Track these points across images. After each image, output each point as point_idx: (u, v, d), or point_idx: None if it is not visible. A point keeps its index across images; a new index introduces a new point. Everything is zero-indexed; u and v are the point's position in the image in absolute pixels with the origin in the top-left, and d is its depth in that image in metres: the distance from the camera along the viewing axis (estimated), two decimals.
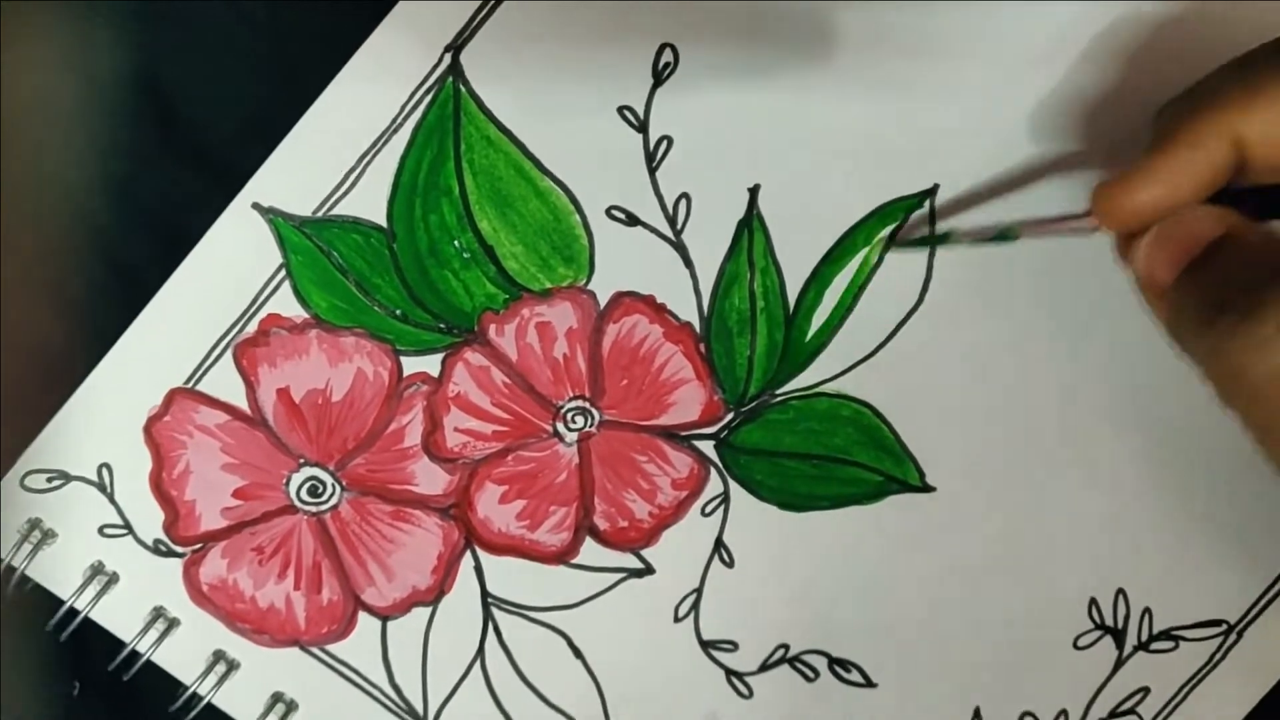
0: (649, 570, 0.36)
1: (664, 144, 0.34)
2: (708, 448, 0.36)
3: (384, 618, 0.36)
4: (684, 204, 0.34)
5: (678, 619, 0.37)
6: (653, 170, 0.34)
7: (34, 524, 0.36)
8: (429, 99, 0.34)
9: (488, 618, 0.37)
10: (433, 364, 0.35)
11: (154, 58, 0.34)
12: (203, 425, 0.35)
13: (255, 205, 0.34)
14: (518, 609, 0.37)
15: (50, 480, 0.35)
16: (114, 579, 0.36)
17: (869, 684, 0.37)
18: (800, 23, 0.33)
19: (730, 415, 0.36)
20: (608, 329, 0.35)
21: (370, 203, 0.34)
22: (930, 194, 0.34)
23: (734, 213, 0.35)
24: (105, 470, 0.35)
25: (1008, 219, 0.34)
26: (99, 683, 0.36)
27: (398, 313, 0.35)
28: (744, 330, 0.35)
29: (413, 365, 0.35)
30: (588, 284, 0.35)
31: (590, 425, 0.36)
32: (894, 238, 0.34)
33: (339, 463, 0.36)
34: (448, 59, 0.34)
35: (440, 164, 0.34)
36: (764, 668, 0.37)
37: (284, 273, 0.35)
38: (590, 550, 0.36)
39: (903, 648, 0.37)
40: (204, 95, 0.34)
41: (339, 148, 0.34)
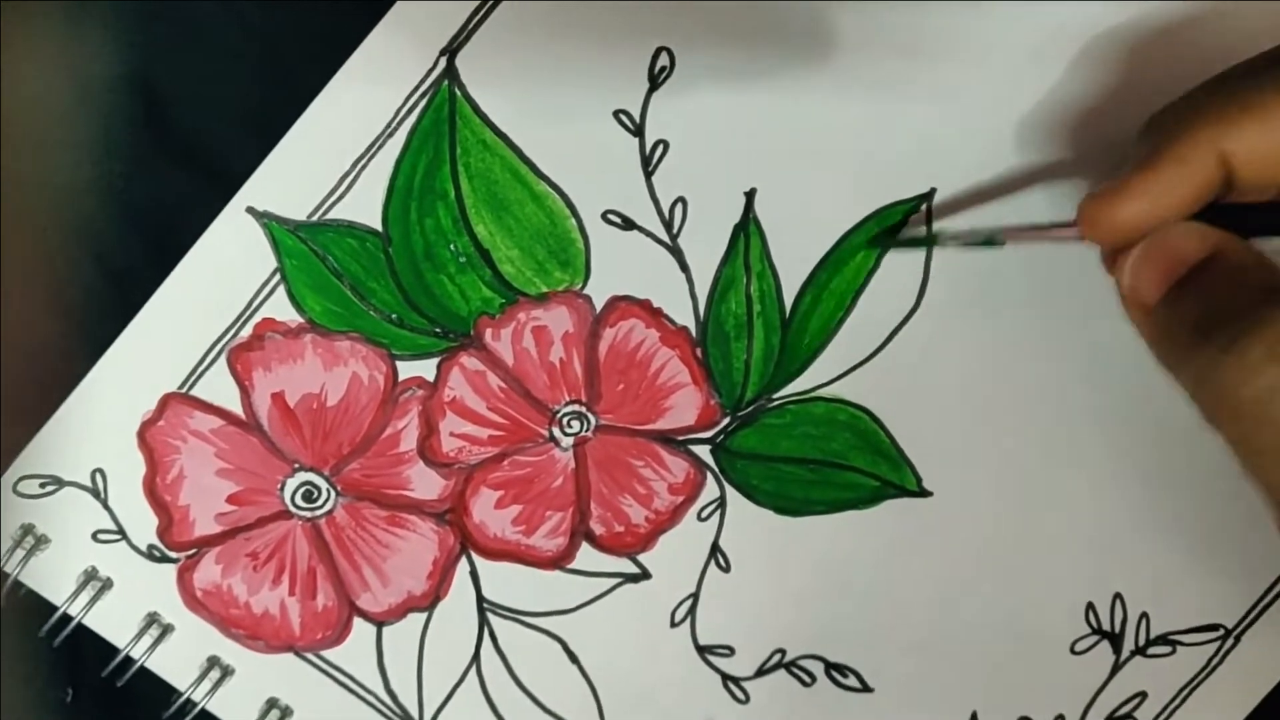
0: (645, 575, 0.36)
1: (660, 148, 0.34)
2: (704, 452, 0.36)
3: (379, 623, 0.36)
4: (680, 208, 0.34)
5: (674, 624, 0.37)
6: (649, 174, 0.34)
7: (27, 529, 0.35)
8: (424, 102, 0.34)
9: (483, 623, 0.36)
10: (428, 368, 0.35)
11: (149, 61, 0.34)
12: (197, 430, 0.35)
13: (250, 209, 0.34)
14: (513, 614, 0.36)
15: (43, 486, 0.35)
16: (108, 585, 0.36)
17: (866, 689, 0.37)
18: (797, 26, 0.33)
19: (727, 420, 0.36)
20: (604, 333, 0.35)
21: (365, 207, 0.34)
22: (927, 198, 0.34)
23: (730, 217, 0.34)
24: (99, 475, 0.35)
25: (997, 224, 0.34)
26: (93, 689, 0.36)
27: (393, 317, 0.35)
28: (740, 334, 0.35)
29: (408, 370, 0.35)
30: (584, 288, 0.35)
31: (586, 430, 0.36)
32: (889, 236, 0.34)
33: (334, 468, 0.35)
34: (443, 62, 0.34)
35: (436, 168, 0.34)
36: (761, 673, 0.37)
37: (279, 277, 0.34)
38: (586, 555, 0.36)
39: (900, 653, 0.37)
40: (199, 99, 0.34)
41: (334, 152, 0.34)
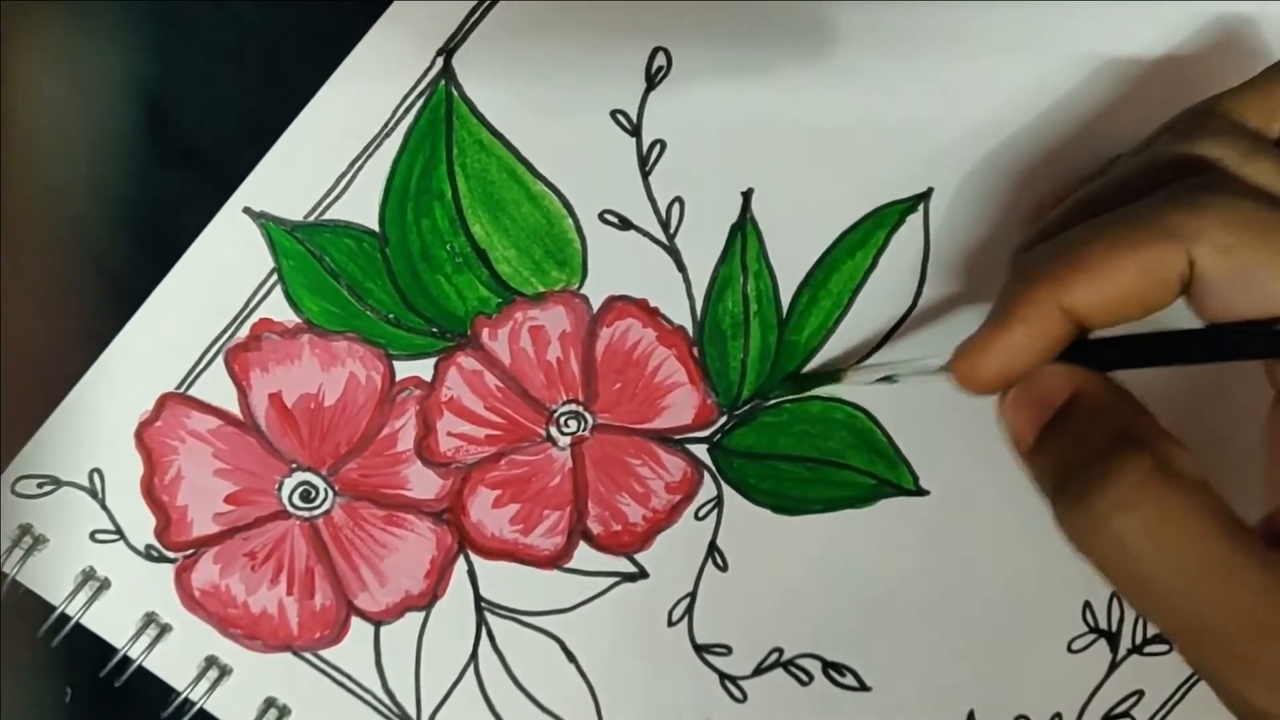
0: (642, 574, 0.36)
1: (657, 148, 0.34)
2: (701, 451, 0.36)
3: (377, 623, 0.36)
4: (677, 208, 0.34)
5: (671, 623, 0.37)
6: (646, 174, 0.34)
7: (25, 529, 0.35)
8: (421, 103, 0.34)
9: (481, 622, 0.36)
10: (425, 368, 0.35)
11: (146, 62, 0.34)
12: (194, 430, 0.35)
13: (247, 210, 0.34)
14: (511, 613, 0.36)
15: (41, 486, 0.35)
16: (105, 585, 0.36)
17: (863, 687, 0.37)
18: (794, 25, 0.33)
19: (723, 419, 0.36)
20: (601, 333, 0.35)
21: (362, 207, 0.34)
22: (924, 197, 0.34)
23: (727, 216, 0.34)
24: (97, 476, 0.35)
25: (895, 359, 0.34)
26: (91, 688, 0.36)
27: (390, 317, 0.35)
28: (737, 334, 0.35)
29: (405, 369, 0.35)
30: (581, 288, 0.35)
31: (583, 429, 0.36)
32: (795, 380, 0.35)
33: (331, 468, 0.35)
34: (440, 62, 0.34)
35: (432, 168, 0.34)
36: (758, 671, 0.37)
37: (276, 277, 0.34)
38: (583, 554, 0.36)
39: (897, 651, 0.37)
40: (195, 99, 0.34)
41: (331, 152, 0.34)
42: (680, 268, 0.35)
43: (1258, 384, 0.28)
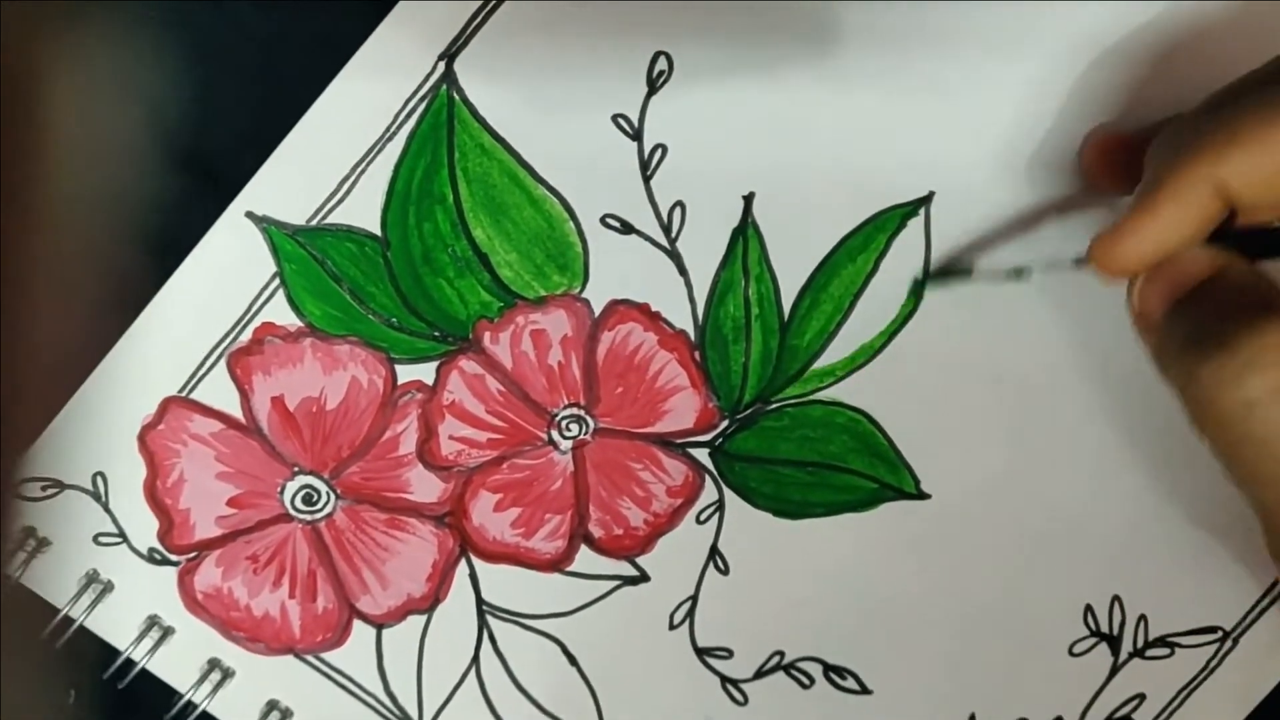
0: (644, 578, 0.36)
1: (659, 152, 0.34)
2: (703, 455, 0.36)
3: (379, 626, 0.36)
4: (678, 212, 0.34)
5: (673, 626, 0.37)
6: (647, 178, 0.34)
7: (28, 532, 0.36)
8: (423, 107, 0.34)
9: (483, 625, 0.37)
10: (427, 372, 0.35)
11: (148, 66, 0.34)
12: (197, 434, 0.35)
13: (249, 214, 0.34)
14: (513, 617, 0.37)
15: (44, 489, 0.35)
16: (109, 587, 0.36)
17: (864, 691, 0.37)
18: (796, 28, 0.33)
19: (725, 423, 0.36)
20: (602, 337, 0.35)
21: (364, 211, 0.34)
22: (925, 201, 0.34)
23: (729, 220, 0.34)
24: (99, 479, 0.35)
25: (1021, 259, 0.34)
26: (94, 691, 0.36)
27: (392, 321, 0.35)
28: (739, 338, 0.35)
29: (407, 373, 0.35)
30: (582, 292, 0.35)
31: (585, 433, 0.36)
32: (926, 277, 0.35)
33: (333, 471, 0.36)
34: (441, 66, 0.34)
35: (434, 172, 0.34)
36: (759, 675, 0.37)
37: (278, 281, 0.34)
38: (585, 558, 0.36)
39: (898, 655, 0.37)
40: (197, 104, 0.34)
41: (333, 156, 0.34)
42: (682, 272, 0.35)
43: None
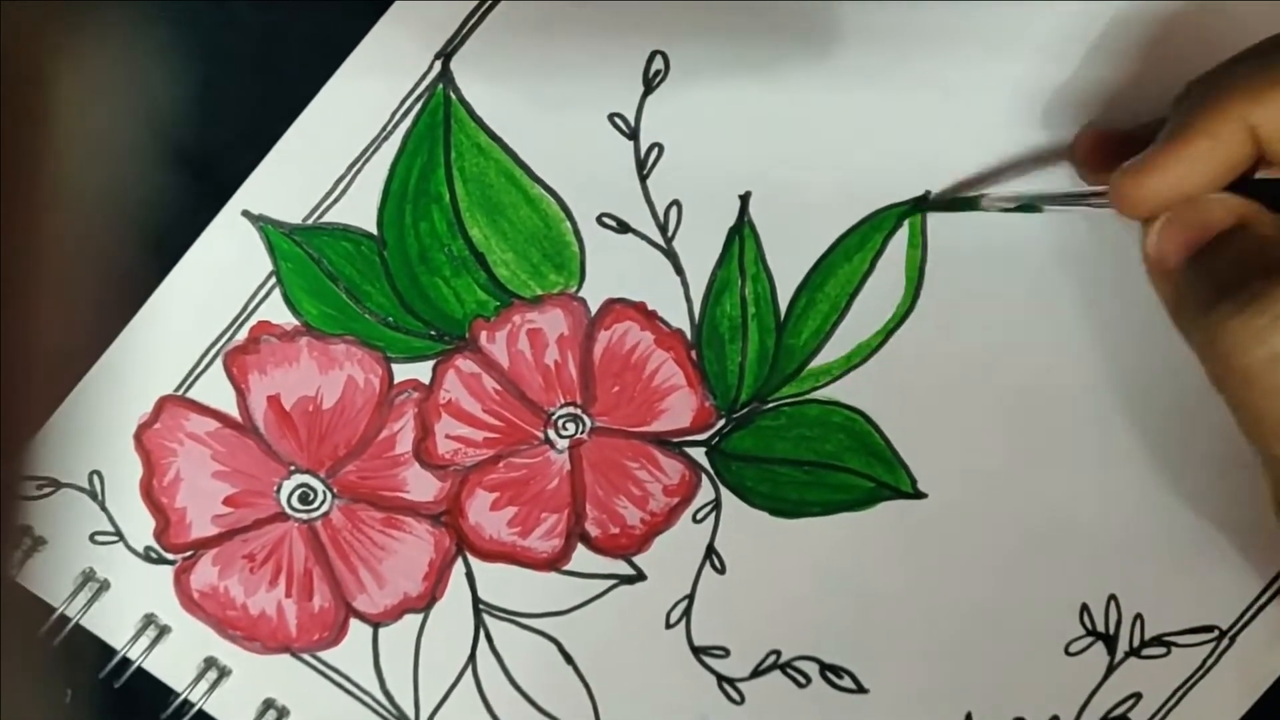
0: (640, 577, 0.36)
1: (655, 151, 0.34)
2: (699, 454, 0.36)
3: (375, 624, 0.36)
4: (675, 211, 0.34)
5: (669, 625, 0.37)
6: (643, 177, 0.34)
7: (24, 531, 0.36)
8: (419, 106, 0.34)
9: (479, 624, 0.37)
10: (424, 371, 0.35)
11: (144, 64, 0.34)
12: (193, 433, 0.35)
13: (245, 213, 0.34)
14: (509, 615, 0.37)
15: (41, 488, 0.35)
16: (105, 586, 0.36)
17: (860, 690, 0.37)
18: (792, 28, 0.33)
19: (721, 422, 0.36)
20: (599, 336, 0.35)
21: (360, 210, 0.34)
22: (921, 200, 0.34)
23: (725, 220, 0.34)
24: (96, 477, 0.35)
25: (1037, 191, 0.33)
26: (90, 690, 0.36)
27: (388, 320, 0.35)
28: (735, 337, 0.35)
29: (404, 372, 0.35)
30: (579, 291, 0.35)
31: (582, 432, 0.36)
32: (927, 203, 0.34)
33: (330, 470, 0.36)
34: (438, 66, 0.34)
35: (431, 171, 0.34)
36: (755, 674, 0.37)
37: (274, 280, 0.34)
38: (582, 557, 0.36)
39: (894, 654, 0.37)
40: (194, 102, 0.34)
41: (329, 155, 0.34)
42: (678, 271, 0.35)
43: None
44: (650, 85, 0.34)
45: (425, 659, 0.37)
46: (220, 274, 0.34)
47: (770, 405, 0.36)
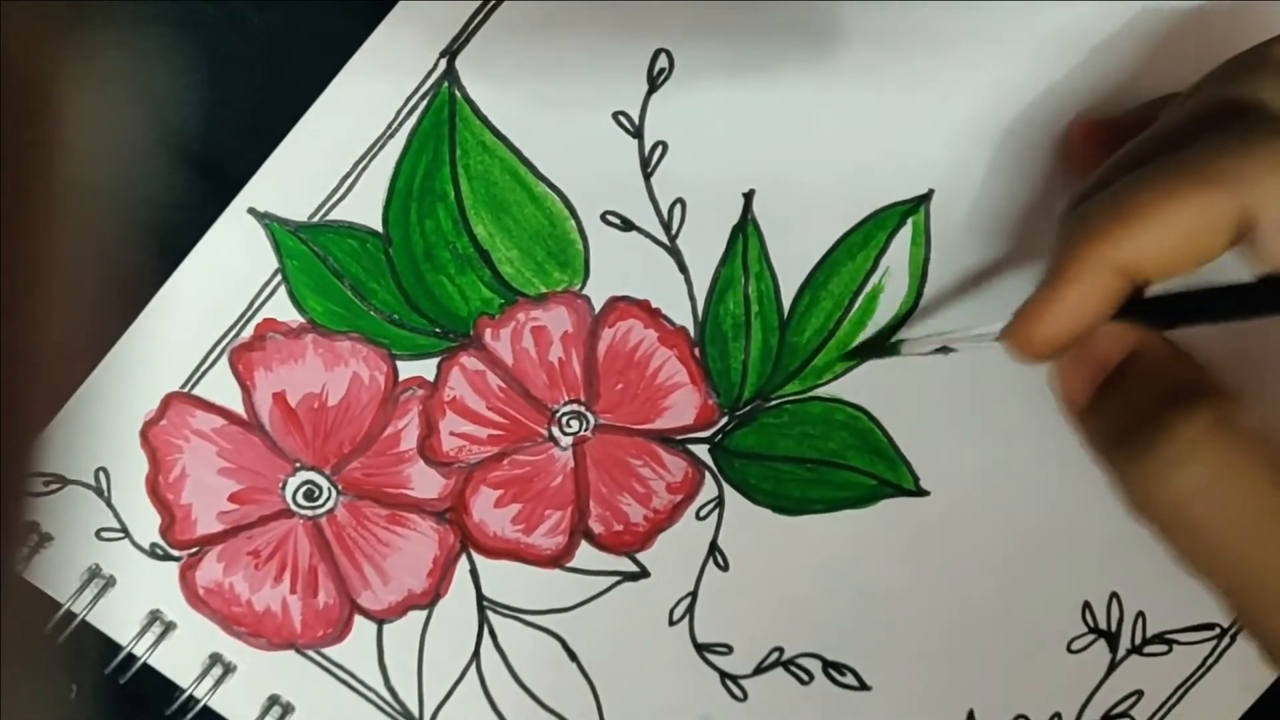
0: (644, 574, 0.37)
1: (659, 149, 0.34)
2: (702, 451, 0.36)
3: (380, 621, 0.37)
4: (679, 209, 0.34)
5: (672, 622, 0.37)
6: (648, 175, 0.34)
7: (31, 527, 0.36)
8: (424, 104, 0.34)
9: (483, 621, 0.37)
10: (428, 368, 0.35)
11: (149, 63, 0.34)
12: (199, 429, 0.35)
13: (251, 210, 0.34)
14: (513, 612, 0.37)
15: (47, 484, 0.36)
16: (111, 582, 0.36)
17: (863, 687, 0.37)
18: (796, 26, 0.33)
19: (725, 419, 0.36)
20: (603, 333, 0.35)
21: (366, 208, 0.34)
22: (925, 199, 0.34)
23: (729, 218, 0.35)
24: (102, 474, 0.35)
25: (948, 330, 0.34)
26: (96, 686, 0.37)
27: (393, 317, 0.35)
28: (738, 335, 0.35)
29: (408, 369, 0.35)
30: (583, 289, 0.35)
31: (585, 429, 0.36)
32: (856, 352, 0.35)
33: (335, 467, 0.36)
34: (443, 64, 0.34)
35: (436, 169, 0.34)
36: (758, 670, 0.37)
37: (280, 277, 0.35)
38: (585, 554, 0.36)
39: (897, 651, 0.37)
40: (200, 101, 0.34)
41: (334, 153, 0.34)
42: (682, 269, 0.35)
43: None
44: (654, 84, 0.34)
45: (429, 656, 0.37)
46: (226, 271, 0.34)
47: (773, 403, 0.36)
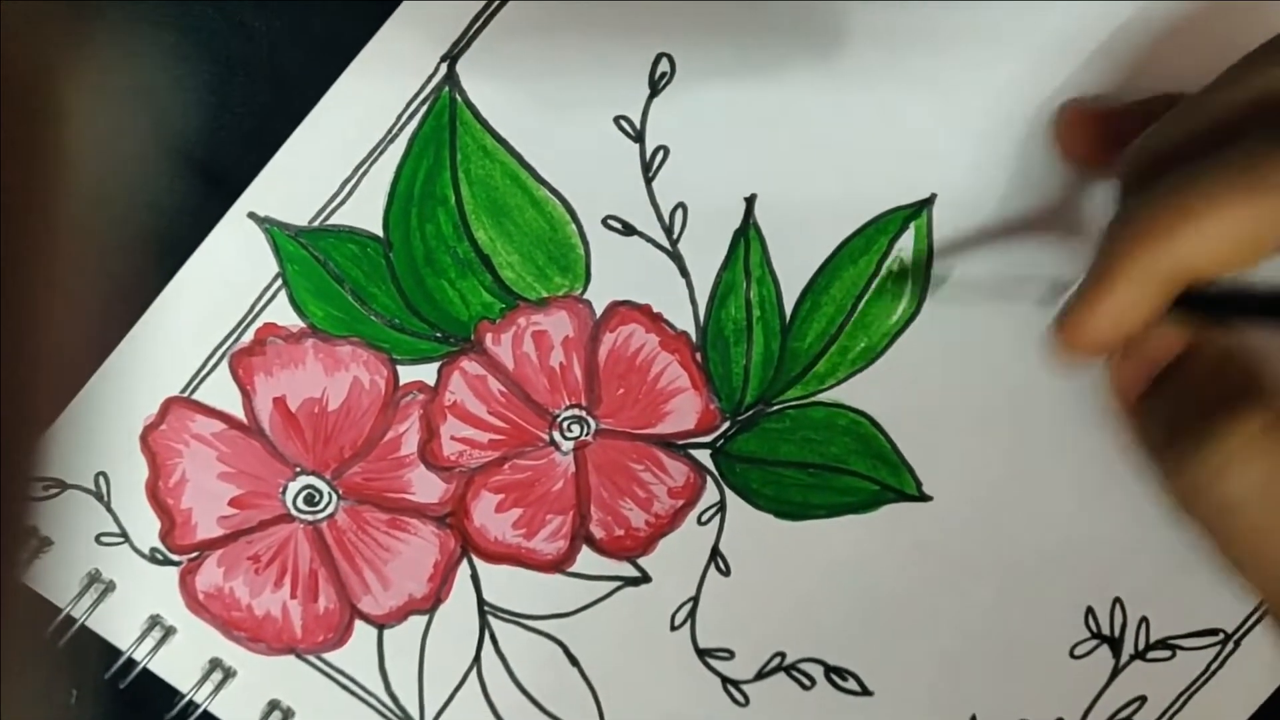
0: (645, 579, 0.36)
1: (660, 153, 0.34)
2: (704, 456, 0.36)
3: (380, 626, 0.36)
4: (680, 213, 0.34)
5: (674, 627, 0.37)
6: (649, 180, 0.34)
7: (31, 532, 0.36)
8: (425, 108, 0.34)
9: (484, 626, 0.37)
10: (429, 373, 0.35)
11: (149, 67, 0.34)
12: (199, 434, 0.35)
13: (251, 215, 0.34)
14: (514, 617, 0.37)
15: (47, 489, 0.35)
16: (110, 587, 0.36)
17: (865, 692, 0.37)
18: (798, 30, 0.33)
19: (726, 424, 0.36)
20: (604, 338, 0.35)
21: (366, 212, 0.34)
22: (928, 204, 0.34)
23: (730, 222, 0.34)
24: (102, 479, 0.35)
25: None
26: (96, 691, 0.37)
27: (394, 322, 0.35)
28: (740, 339, 0.35)
29: (409, 374, 0.35)
30: (584, 293, 0.35)
31: (586, 434, 0.36)
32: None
33: (335, 471, 0.36)
34: (444, 68, 0.34)
35: (436, 173, 0.34)
36: (760, 676, 0.37)
37: (280, 282, 0.35)
38: (587, 559, 0.36)
39: (899, 656, 0.37)
40: (199, 104, 0.34)
41: (335, 157, 0.34)
42: (683, 273, 0.35)
43: None
44: (656, 88, 0.34)
45: (430, 661, 0.37)
46: (226, 276, 0.34)
47: (775, 408, 0.36)
